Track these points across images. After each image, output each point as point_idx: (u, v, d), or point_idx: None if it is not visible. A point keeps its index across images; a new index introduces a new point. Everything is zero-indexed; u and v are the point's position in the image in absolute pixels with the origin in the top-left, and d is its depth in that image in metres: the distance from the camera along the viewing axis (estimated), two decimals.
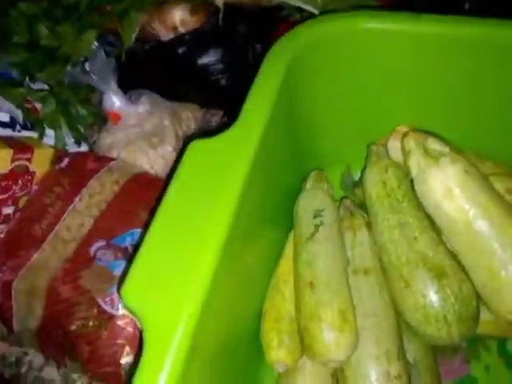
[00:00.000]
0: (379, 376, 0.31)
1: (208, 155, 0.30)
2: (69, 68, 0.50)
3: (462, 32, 0.37)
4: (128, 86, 0.54)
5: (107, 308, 0.38)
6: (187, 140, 0.31)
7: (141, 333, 0.24)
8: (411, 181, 0.36)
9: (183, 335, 0.23)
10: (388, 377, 0.31)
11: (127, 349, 0.37)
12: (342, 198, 0.43)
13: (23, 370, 0.42)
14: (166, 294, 0.24)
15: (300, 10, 0.50)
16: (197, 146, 0.30)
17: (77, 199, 0.44)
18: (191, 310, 0.24)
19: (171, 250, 0.26)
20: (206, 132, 0.32)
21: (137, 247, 0.26)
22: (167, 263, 0.26)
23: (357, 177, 0.46)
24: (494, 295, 0.32)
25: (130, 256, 0.40)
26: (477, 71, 0.39)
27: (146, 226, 0.28)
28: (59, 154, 0.50)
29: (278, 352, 0.34)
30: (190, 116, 0.56)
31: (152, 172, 0.50)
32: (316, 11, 0.48)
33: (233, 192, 0.28)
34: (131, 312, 0.25)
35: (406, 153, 0.35)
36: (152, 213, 0.28)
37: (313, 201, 0.40)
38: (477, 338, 0.39)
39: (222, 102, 0.56)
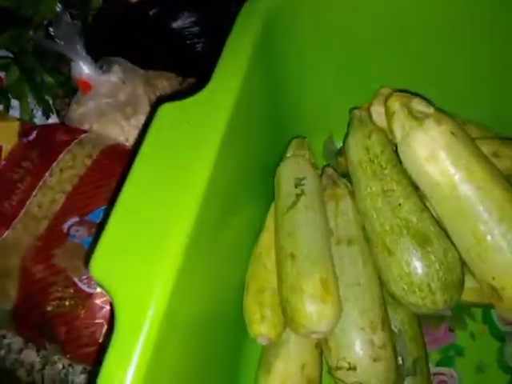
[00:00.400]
0: (363, 346, 0.31)
1: (179, 118, 0.28)
2: (31, 33, 0.47)
3: None
4: (98, 52, 0.51)
5: (83, 287, 0.37)
6: (157, 103, 0.29)
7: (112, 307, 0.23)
8: (395, 146, 0.35)
9: (157, 309, 0.22)
10: (372, 347, 0.31)
11: (106, 328, 0.36)
12: (324, 166, 0.42)
13: (1, 353, 0.41)
14: (136, 266, 0.23)
15: None
16: (166, 109, 0.29)
17: (47, 174, 0.42)
18: (164, 282, 0.23)
19: (141, 219, 0.25)
20: (178, 95, 0.30)
21: (106, 218, 0.25)
22: (137, 235, 0.24)
23: (340, 145, 0.44)
24: (478, 261, 0.31)
25: (100, 228, 0.38)
26: (461, 29, 0.37)
27: (114, 195, 0.26)
28: (27, 126, 0.48)
29: (261, 326, 0.33)
30: (166, 85, 0.53)
31: (127, 144, 0.47)
32: None
33: (206, 159, 0.27)
34: (101, 286, 0.23)
35: (389, 115, 0.34)
36: (121, 182, 0.26)
37: (294, 169, 0.38)
38: (461, 307, 0.39)
39: (200, 69, 0.53)
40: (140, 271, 0.23)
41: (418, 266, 0.31)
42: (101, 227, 0.25)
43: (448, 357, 0.38)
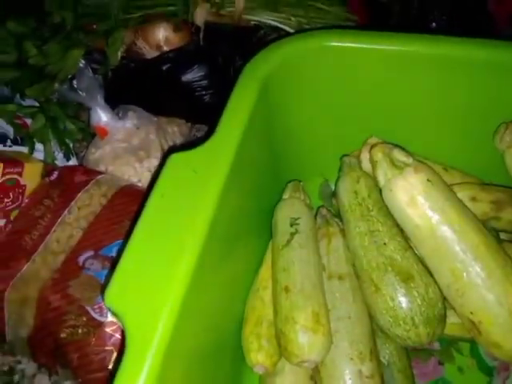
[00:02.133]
0: (352, 376, 0.33)
1: (186, 167, 0.32)
2: (57, 85, 0.52)
3: (429, 50, 0.40)
4: (115, 102, 0.57)
5: (96, 315, 0.40)
6: (168, 152, 0.33)
7: (124, 334, 0.26)
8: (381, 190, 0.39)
9: (163, 335, 0.25)
10: (361, 376, 0.33)
11: (116, 355, 0.39)
12: (319, 207, 0.46)
13: (16, 378, 0.44)
14: (146, 297, 0.26)
15: (276, 29, 0.52)
16: (175, 158, 0.32)
17: (66, 211, 0.46)
18: (170, 311, 0.26)
19: (151, 256, 0.28)
20: (186, 145, 0.34)
21: (120, 255, 0.28)
22: (147, 269, 0.27)
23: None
24: (457, 296, 0.34)
25: (114, 263, 0.41)
26: (443, 87, 0.41)
27: (127, 235, 0.29)
28: (49, 167, 0.52)
29: (258, 355, 0.35)
30: (176, 130, 0.58)
31: (139, 185, 0.51)
32: (291, 30, 0.51)
33: (210, 202, 0.30)
34: (113, 313, 0.26)
35: (373, 163, 0.38)
36: (134, 222, 0.30)
37: (289, 210, 0.42)
38: (450, 341, 0.41)
39: (207, 117, 0.58)
40: (148, 303, 0.26)
41: (402, 300, 0.34)
42: (115, 262, 0.28)
43: None
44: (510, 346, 0.32)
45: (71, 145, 0.55)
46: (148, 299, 0.26)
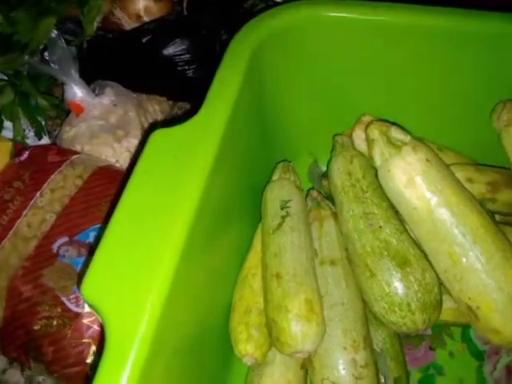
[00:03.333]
0: (346, 365, 0.32)
1: (170, 144, 0.30)
2: (26, 57, 0.48)
3: (421, 21, 0.38)
4: (91, 76, 0.53)
5: (71, 306, 0.37)
6: (151, 129, 0.30)
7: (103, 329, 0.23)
8: (376, 170, 0.37)
9: (146, 330, 0.23)
10: (355, 366, 0.32)
11: (94, 348, 0.36)
12: (310, 189, 0.43)
13: None
14: (127, 288, 0.24)
15: None
16: (159, 134, 0.30)
17: (38, 194, 0.43)
18: (154, 303, 0.23)
19: (132, 243, 0.25)
20: (170, 121, 0.31)
21: (97, 242, 0.26)
22: (128, 257, 0.25)
23: (325, 168, 0.46)
24: (455, 281, 0.33)
25: (91, 250, 0.39)
26: (438, 63, 0.40)
27: (106, 220, 0.27)
28: (19, 147, 0.48)
29: (247, 345, 0.33)
30: (157, 109, 0.54)
31: (117, 165, 0.48)
32: (280, 0, 0.47)
33: (196, 183, 0.28)
34: (92, 307, 0.24)
35: (369, 142, 0.36)
36: (113, 205, 0.27)
37: (279, 192, 0.40)
38: (441, 326, 0.40)
39: (190, 94, 0.55)
40: (130, 293, 0.24)
41: (397, 286, 0.32)
42: (92, 249, 0.26)
43: (428, 375, 0.39)
44: (509, 332, 0.31)
45: (43, 122, 0.51)
46: (129, 290, 0.24)
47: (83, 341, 0.36)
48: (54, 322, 0.37)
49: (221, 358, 0.37)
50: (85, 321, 0.37)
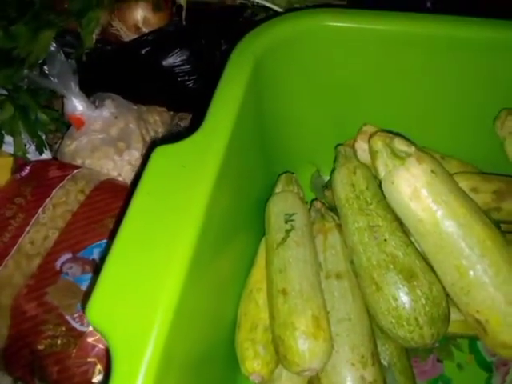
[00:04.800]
0: (355, 382, 0.31)
1: (173, 161, 0.29)
2: (26, 71, 0.48)
3: (425, 30, 0.37)
4: (91, 89, 0.52)
5: (76, 325, 0.37)
6: (152, 145, 0.30)
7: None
8: (380, 181, 0.36)
9: (153, 353, 0.22)
10: (363, 383, 0.32)
11: (99, 367, 0.36)
12: (313, 200, 0.43)
13: None
14: (133, 309, 0.24)
15: (265, 8, 0.49)
16: (161, 151, 0.29)
17: (40, 210, 0.42)
18: (160, 324, 0.23)
19: (138, 262, 0.25)
20: (173, 136, 0.31)
21: (103, 260, 0.25)
22: (134, 276, 0.25)
23: (327, 178, 0.45)
24: (462, 294, 0.32)
25: (97, 269, 0.38)
26: (441, 71, 0.39)
27: (111, 237, 0.26)
28: (20, 162, 0.48)
29: (253, 363, 0.33)
30: (158, 120, 0.54)
31: (119, 179, 0.48)
32: (280, 10, 0.47)
33: (200, 199, 0.27)
34: (97, 330, 0.24)
35: (373, 154, 0.35)
36: (117, 223, 0.27)
37: (283, 205, 0.39)
38: (448, 338, 0.40)
39: (191, 105, 0.54)
40: (136, 315, 0.23)
41: (405, 300, 0.32)
42: (97, 269, 0.26)
43: None
44: None
45: (44, 136, 0.51)
46: (135, 313, 0.24)
47: (88, 360, 0.36)
48: (59, 342, 0.36)
49: (227, 376, 0.37)
50: (89, 340, 0.36)
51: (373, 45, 0.38)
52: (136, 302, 0.24)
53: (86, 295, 0.25)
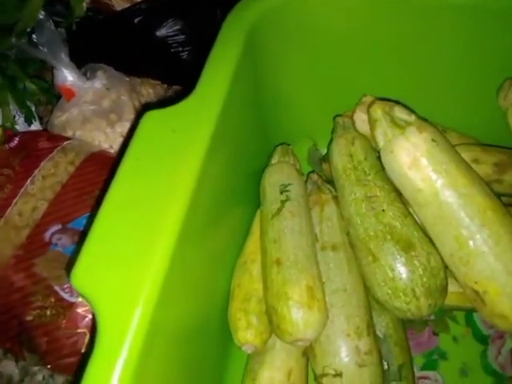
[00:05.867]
0: (349, 352, 0.31)
1: (164, 126, 0.28)
2: (14, 40, 0.46)
3: None
4: (82, 60, 0.51)
5: (66, 296, 0.36)
6: (142, 110, 0.29)
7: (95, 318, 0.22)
8: (378, 153, 0.35)
9: (140, 320, 0.22)
10: (358, 353, 0.31)
11: (89, 337, 0.35)
12: (309, 172, 0.42)
13: None
14: (120, 276, 0.23)
15: None
16: (151, 115, 0.29)
17: (28, 181, 0.41)
18: (148, 291, 0.22)
19: (125, 229, 0.24)
20: (163, 102, 0.30)
21: (88, 228, 0.24)
22: (121, 243, 0.24)
23: (324, 152, 0.44)
24: (461, 265, 0.32)
25: (82, 238, 0.37)
26: (441, 39, 0.38)
27: (97, 204, 0.26)
28: (8, 133, 0.47)
29: (246, 333, 0.32)
30: (151, 92, 0.53)
31: (111, 151, 0.47)
32: None
33: (192, 165, 0.26)
34: (82, 296, 0.23)
35: (372, 123, 0.34)
36: (104, 189, 0.26)
37: (278, 175, 0.38)
38: (445, 310, 0.40)
39: (185, 77, 0.53)
40: (123, 281, 0.23)
41: (402, 271, 0.31)
42: (83, 236, 0.25)
43: (432, 360, 0.38)
44: None
45: (33, 108, 0.49)
46: (122, 279, 0.23)
47: (78, 331, 0.35)
48: (48, 313, 0.36)
49: (220, 346, 0.36)
50: (79, 310, 0.36)
51: (371, 10, 0.37)
52: (124, 268, 0.23)
53: (71, 263, 0.24)
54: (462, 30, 0.37)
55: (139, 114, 0.29)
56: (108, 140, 0.47)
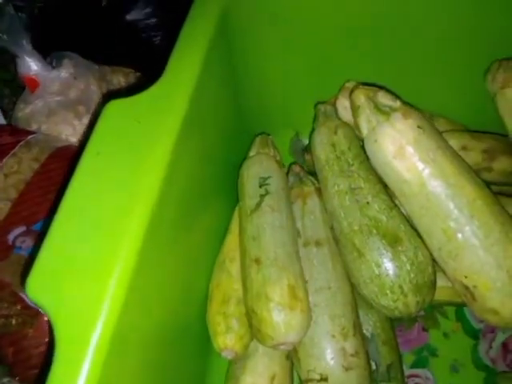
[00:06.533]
0: (334, 355, 0.29)
1: (127, 116, 0.26)
2: None
3: None
4: (46, 48, 0.47)
5: (32, 303, 0.34)
6: (105, 99, 0.26)
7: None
8: (362, 142, 0.33)
9: (103, 329, 0.20)
10: (344, 355, 0.29)
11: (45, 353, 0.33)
12: (291, 164, 0.40)
13: None
14: (79, 283, 0.21)
15: None
16: (114, 105, 0.26)
17: None
18: (112, 299, 0.20)
19: (84, 232, 0.22)
20: (130, 90, 0.27)
21: (45, 231, 0.22)
22: (80, 247, 0.22)
23: (307, 142, 0.42)
24: (450, 259, 0.30)
25: (39, 241, 0.35)
26: (426, 19, 0.36)
27: (55, 205, 0.23)
28: None
29: (226, 338, 0.31)
30: (122, 80, 0.49)
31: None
32: None
33: (158, 160, 0.24)
34: (40, 307, 0.21)
35: (355, 109, 0.32)
36: (63, 189, 0.23)
37: (257, 168, 0.36)
38: (434, 305, 0.38)
39: (158, 64, 0.50)
40: (83, 289, 0.21)
41: (388, 266, 0.30)
42: (40, 239, 0.22)
43: (422, 357, 0.37)
44: (508, 312, 0.29)
45: None
46: (81, 287, 0.21)
47: (46, 340, 0.33)
48: (13, 321, 0.33)
49: (198, 352, 0.34)
50: (47, 318, 0.33)
51: None
52: (83, 275, 0.21)
53: (27, 266, 0.22)
54: (447, 10, 0.35)
55: (101, 104, 0.27)
56: (76, 133, 0.44)
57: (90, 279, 0.21)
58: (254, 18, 0.36)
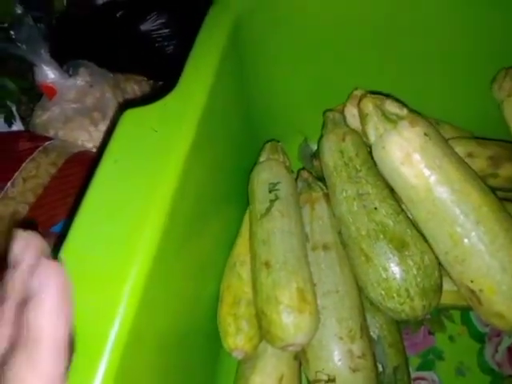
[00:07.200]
0: (342, 357, 0.30)
1: (144, 125, 0.27)
2: None
3: None
4: (63, 56, 0.49)
5: None
6: (122, 108, 0.27)
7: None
8: (370, 148, 0.34)
9: (119, 332, 0.20)
10: (351, 357, 0.30)
11: None
12: (300, 170, 0.41)
13: None
14: (97, 287, 0.21)
15: None
16: (131, 114, 0.27)
17: (9, 184, 0.40)
18: (128, 301, 0.21)
19: (101, 236, 0.23)
20: (146, 99, 0.28)
21: (63, 237, 0.23)
22: (98, 251, 0.22)
23: (315, 147, 0.43)
24: (456, 263, 0.31)
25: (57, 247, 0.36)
26: (433, 28, 0.37)
27: (73, 211, 0.24)
28: None
29: (236, 339, 0.31)
30: (136, 88, 0.51)
31: (94, 151, 0.45)
32: None
33: (173, 167, 0.25)
34: None
35: (363, 117, 0.33)
36: (80, 196, 0.24)
37: (267, 173, 0.37)
38: (440, 309, 0.39)
39: (170, 72, 0.51)
40: (100, 291, 0.21)
41: (395, 271, 0.30)
42: (60, 242, 0.23)
43: (428, 360, 0.37)
44: None
45: (14, 107, 0.47)
46: (99, 289, 0.21)
47: None
48: None
49: (209, 352, 0.35)
50: None
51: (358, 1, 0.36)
52: (101, 277, 0.22)
53: None
54: (453, 19, 0.36)
55: (119, 113, 0.28)
56: (91, 139, 0.45)
57: (107, 282, 0.21)
58: (265, 29, 0.37)
